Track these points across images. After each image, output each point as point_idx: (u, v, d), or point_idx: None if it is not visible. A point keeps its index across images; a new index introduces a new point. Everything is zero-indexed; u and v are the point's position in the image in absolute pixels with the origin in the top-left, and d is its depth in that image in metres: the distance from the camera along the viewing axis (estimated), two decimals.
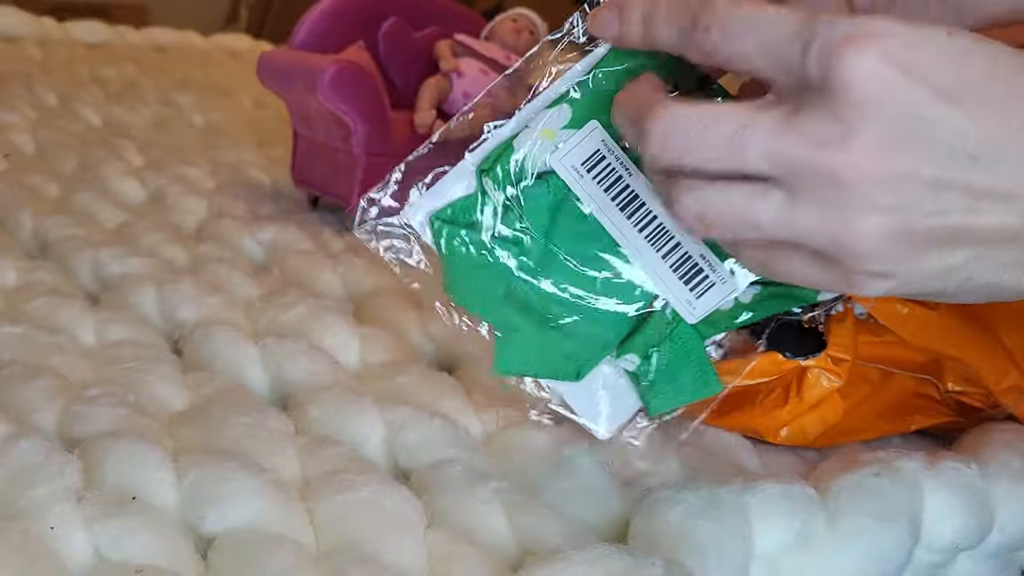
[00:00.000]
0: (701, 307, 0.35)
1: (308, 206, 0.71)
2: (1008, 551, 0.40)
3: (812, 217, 0.28)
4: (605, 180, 0.35)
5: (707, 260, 0.35)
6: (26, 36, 1.13)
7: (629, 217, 0.35)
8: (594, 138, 0.35)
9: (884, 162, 0.27)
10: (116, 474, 0.33)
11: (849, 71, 0.27)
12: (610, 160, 0.35)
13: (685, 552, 0.32)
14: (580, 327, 0.36)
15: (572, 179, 0.35)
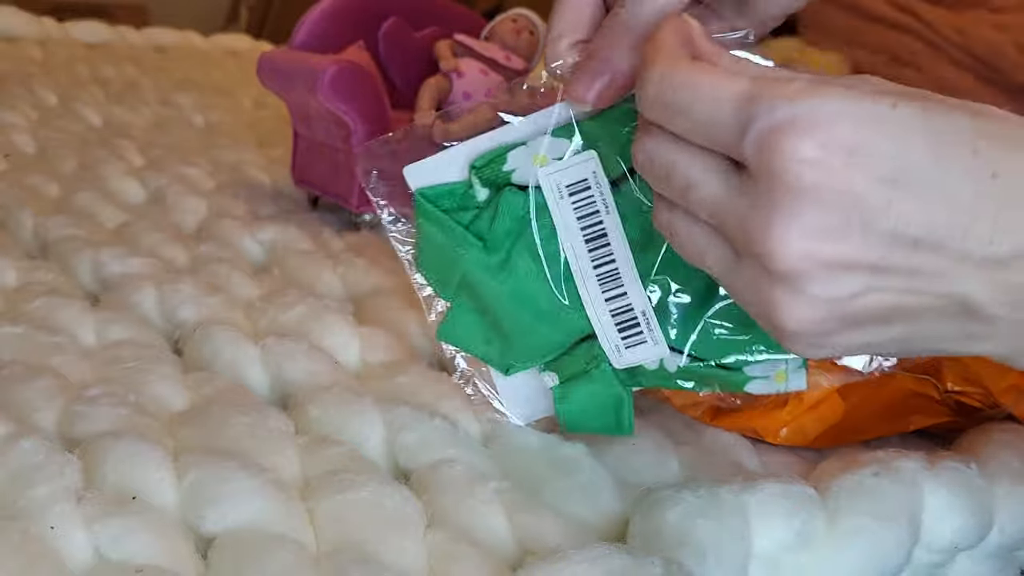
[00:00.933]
0: (627, 358, 0.36)
1: (308, 206, 0.71)
2: (1008, 551, 0.40)
3: (752, 282, 0.29)
4: (582, 209, 0.35)
5: (647, 318, 0.35)
6: (26, 36, 1.13)
7: (590, 251, 0.35)
8: (587, 167, 0.35)
9: (820, 251, 0.27)
10: (116, 474, 0.33)
11: (786, 159, 0.26)
12: (594, 192, 0.35)
13: (684, 551, 0.32)
14: (518, 333, 0.38)
15: (553, 198, 0.35)
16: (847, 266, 0.27)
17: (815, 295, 0.27)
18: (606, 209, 0.35)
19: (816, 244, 0.27)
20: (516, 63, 0.67)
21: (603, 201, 0.35)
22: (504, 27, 0.68)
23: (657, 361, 0.36)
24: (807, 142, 0.26)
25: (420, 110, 0.64)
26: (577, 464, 0.38)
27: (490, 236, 0.36)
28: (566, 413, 0.39)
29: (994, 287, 0.27)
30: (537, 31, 0.68)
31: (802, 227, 0.26)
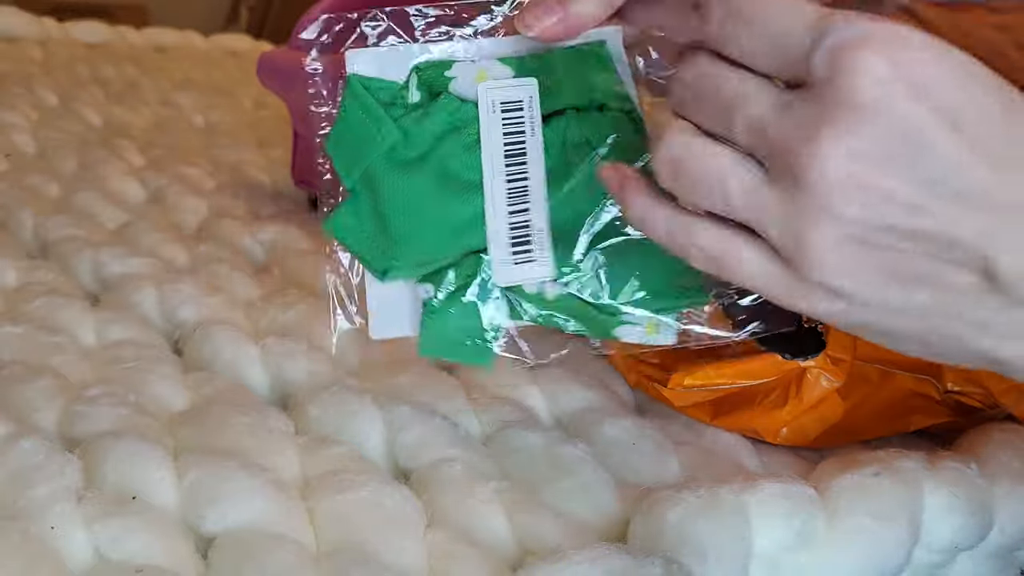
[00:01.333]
0: (513, 274, 0.36)
1: (308, 206, 0.71)
2: (1008, 551, 0.40)
3: (779, 204, 0.27)
4: (511, 126, 0.36)
5: (540, 239, 0.36)
6: (27, 36, 1.13)
7: (507, 166, 0.36)
8: (525, 91, 0.36)
9: (861, 173, 0.26)
10: (116, 474, 0.33)
11: (855, 73, 0.26)
12: (525, 114, 0.36)
13: (684, 551, 0.32)
14: (406, 235, 0.37)
15: (485, 109, 0.36)
16: (886, 197, 0.26)
17: (847, 218, 0.26)
18: (532, 132, 0.36)
19: (861, 166, 0.26)
20: None
21: (531, 125, 0.36)
22: None
23: (536, 285, 0.36)
24: (880, 60, 0.25)
25: None
26: (577, 464, 0.38)
27: (414, 132, 0.37)
28: (432, 330, 0.37)
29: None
30: None
31: (852, 145, 0.26)
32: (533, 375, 0.45)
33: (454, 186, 0.36)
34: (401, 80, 0.37)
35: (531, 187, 0.36)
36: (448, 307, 0.37)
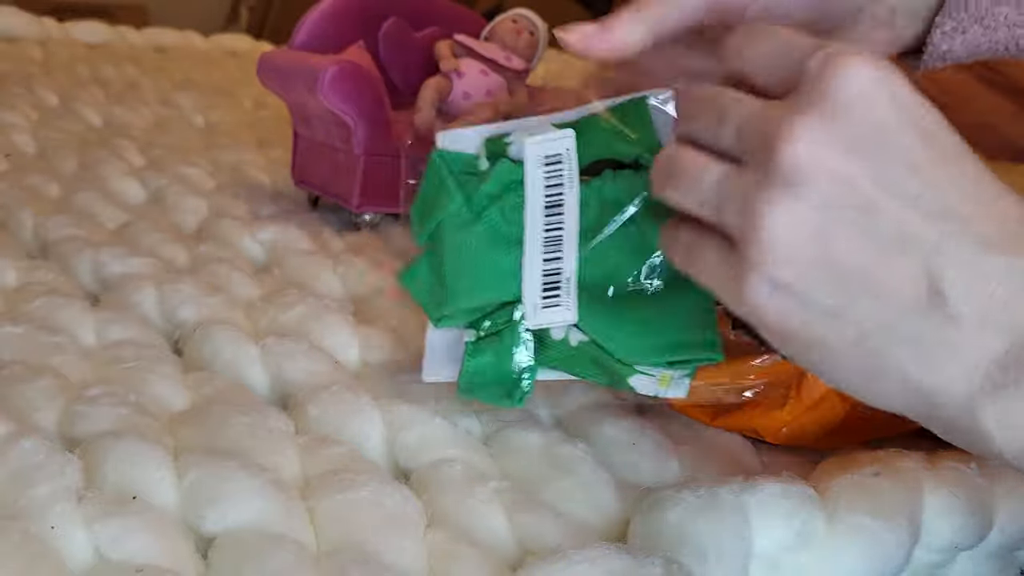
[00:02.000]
0: (541, 317, 0.38)
1: (308, 206, 0.71)
2: (1008, 551, 0.40)
3: (744, 188, 0.28)
4: (551, 179, 0.39)
5: (568, 287, 0.38)
6: (27, 36, 1.13)
7: (546, 216, 0.39)
8: (563, 143, 0.39)
9: (828, 158, 0.27)
10: (116, 474, 0.33)
11: (844, 74, 0.27)
12: (564, 167, 0.38)
13: (684, 551, 0.32)
14: (457, 285, 0.40)
15: (532, 166, 0.39)
16: (848, 182, 0.27)
17: (805, 198, 0.27)
18: (570, 184, 0.39)
19: (830, 152, 0.27)
20: (516, 63, 0.67)
21: (570, 177, 0.39)
22: (504, 27, 0.68)
23: (563, 330, 0.38)
24: (869, 69, 0.27)
25: (420, 110, 0.64)
26: (577, 464, 0.38)
27: (475, 195, 0.40)
28: (468, 370, 0.40)
29: (970, 282, 0.27)
30: (537, 31, 0.69)
31: (826, 131, 0.27)
32: None
33: (500, 240, 0.39)
34: (475, 152, 0.41)
35: (565, 237, 0.38)
36: (483, 349, 0.39)
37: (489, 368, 0.39)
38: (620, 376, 0.38)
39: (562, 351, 0.39)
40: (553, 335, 0.39)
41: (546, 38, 0.69)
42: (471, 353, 0.40)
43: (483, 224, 0.40)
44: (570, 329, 0.38)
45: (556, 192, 0.39)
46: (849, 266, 0.27)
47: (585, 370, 0.39)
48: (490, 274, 0.39)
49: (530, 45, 0.68)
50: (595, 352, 0.38)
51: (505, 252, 0.39)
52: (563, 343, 0.38)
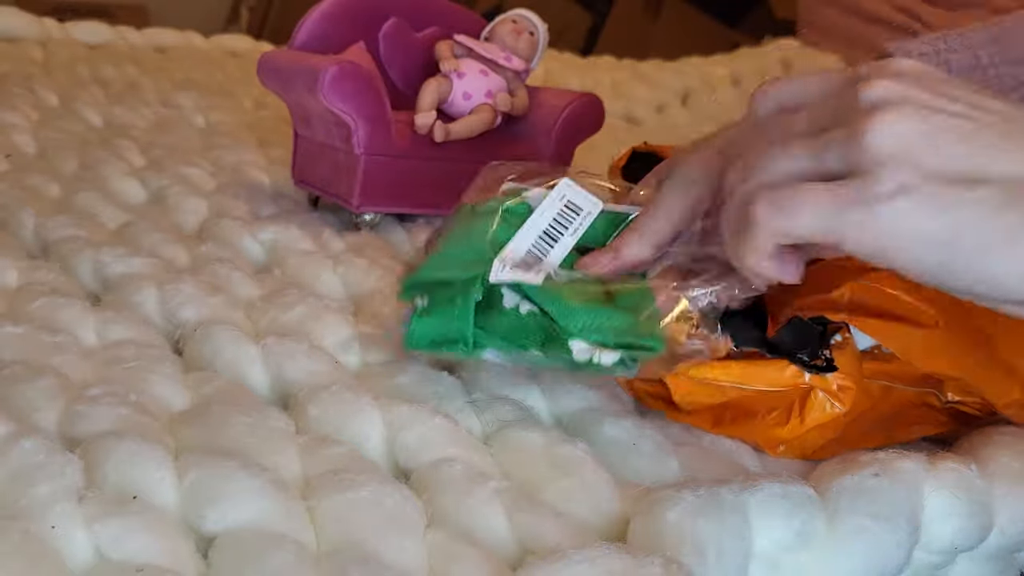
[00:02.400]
0: (507, 274, 0.40)
1: (309, 206, 0.71)
2: (1008, 552, 0.40)
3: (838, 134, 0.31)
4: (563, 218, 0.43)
5: (538, 272, 0.40)
6: (27, 37, 1.13)
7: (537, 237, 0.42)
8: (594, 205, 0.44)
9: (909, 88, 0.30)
10: (117, 473, 0.33)
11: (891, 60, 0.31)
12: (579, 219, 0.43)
13: (684, 551, 0.32)
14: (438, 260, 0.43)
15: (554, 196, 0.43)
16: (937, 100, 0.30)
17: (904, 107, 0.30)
18: (572, 233, 0.43)
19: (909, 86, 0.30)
20: (516, 64, 0.67)
21: (576, 229, 0.43)
22: (504, 28, 0.68)
23: (514, 300, 0.40)
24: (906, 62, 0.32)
25: (420, 110, 0.64)
26: (577, 464, 0.38)
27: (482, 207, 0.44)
28: (414, 328, 0.42)
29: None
30: (537, 32, 0.69)
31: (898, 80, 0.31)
32: (533, 375, 0.45)
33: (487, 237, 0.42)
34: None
35: (546, 260, 0.42)
36: (432, 312, 0.41)
37: (434, 328, 0.41)
38: (561, 341, 0.39)
39: (511, 319, 0.40)
40: (505, 303, 0.40)
41: (546, 38, 0.69)
42: (420, 314, 0.42)
43: (485, 220, 0.43)
44: (521, 300, 0.40)
45: (558, 229, 0.43)
46: (972, 130, 0.29)
47: (529, 339, 0.40)
48: (466, 252, 0.42)
49: (530, 45, 0.68)
50: (542, 321, 0.39)
51: (484, 240, 0.42)
52: (514, 311, 0.40)
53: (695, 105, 1.27)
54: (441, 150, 0.65)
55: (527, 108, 0.69)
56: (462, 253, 0.43)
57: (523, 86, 0.69)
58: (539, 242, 0.43)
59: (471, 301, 0.40)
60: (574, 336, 0.39)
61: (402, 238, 0.65)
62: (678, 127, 1.18)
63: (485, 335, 0.40)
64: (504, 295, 0.41)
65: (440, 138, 0.64)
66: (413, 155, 0.64)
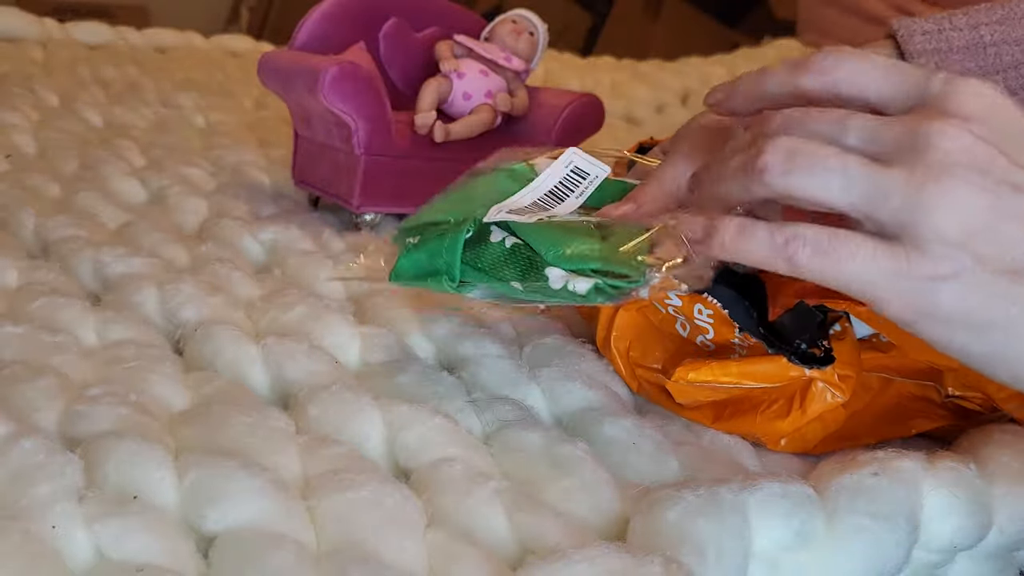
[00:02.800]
0: (499, 215, 0.41)
1: (309, 206, 0.71)
2: (1007, 551, 0.40)
3: (897, 179, 0.29)
4: (567, 180, 0.44)
5: (533, 211, 0.41)
6: (27, 37, 1.13)
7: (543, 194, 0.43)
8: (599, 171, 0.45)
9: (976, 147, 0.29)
10: (117, 473, 0.34)
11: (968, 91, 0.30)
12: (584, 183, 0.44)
13: (684, 551, 0.32)
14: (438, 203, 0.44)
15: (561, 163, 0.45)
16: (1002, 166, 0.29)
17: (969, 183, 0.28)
18: (576, 196, 0.44)
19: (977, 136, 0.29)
20: (516, 64, 0.67)
21: (580, 192, 0.44)
22: (504, 28, 0.68)
23: (501, 234, 0.41)
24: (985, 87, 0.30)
25: (420, 111, 0.64)
26: (577, 464, 0.38)
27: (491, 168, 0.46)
28: (402, 262, 0.42)
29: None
30: (537, 32, 0.69)
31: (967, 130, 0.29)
32: (533, 375, 0.45)
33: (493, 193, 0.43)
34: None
35: (553, 211, 0.42)
36: (420, 248, 0.42)
37: (421, 263, 0.41)
38: (538, 269, 0.39)
39: (495, 252, 0.40)
40: (492, 237, 0.41)
41: (546, 39, 0.70)
42: (409, 250, 0.42)
43: (488, 178, 0.45)
44: (507, 235, 0.41)
45: (563, 191, 0.43)
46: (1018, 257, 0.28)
47: (511, 271, 0.40)
48: (467, 203, 0.43)
49: (530, 46, 0.68)
50: (525, 252, 0.40)
51: (488, 194, 0.43)
52: (499, 244, 0.40)
53: (695, 105, 1.26)
54: (441, 150, 0.65)
55: (527, 108, 0.69)
56: (460, 201, 0.43)
57: (523, 86, 0.69)
58: (543, 199, 0.43)
59: (461, 237, 0.40)
60: (549, 262, 0.38)
61: None
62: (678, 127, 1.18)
63: (470, 270, 0.40)
64: (492, 231, 0.41)
65: (440, 138, 0.64)
66: (413, 155, 0.64)
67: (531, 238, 0.40)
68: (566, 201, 0.43)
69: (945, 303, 0.29)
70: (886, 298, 0.30)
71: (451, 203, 0.44)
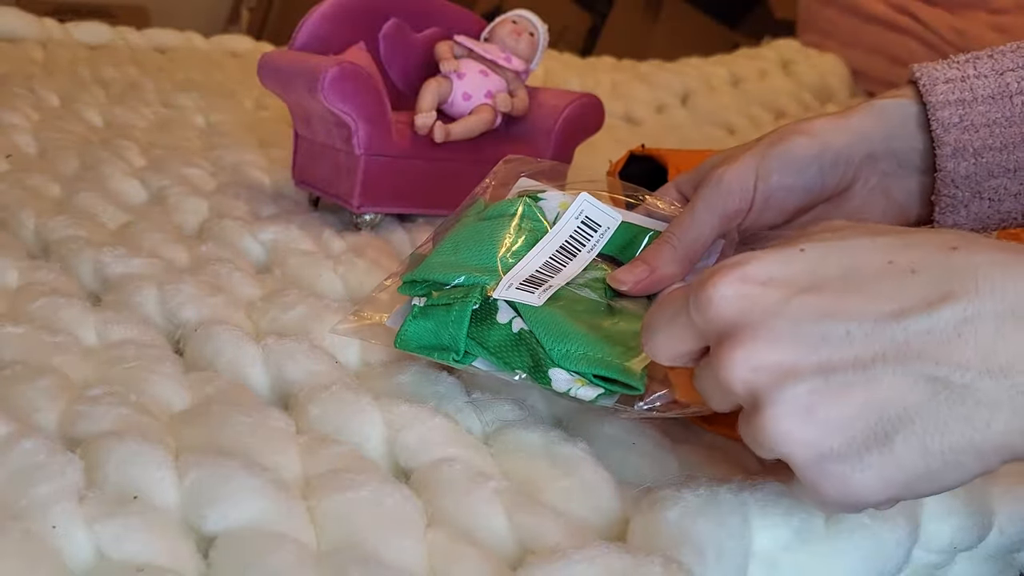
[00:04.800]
0: (510, 293, 0.41)
1: (309, 207, 0.71)
2: (1007, 552, 0.40)
3: (750, 427, 0.30)
4: (579, 233, 0.45)
5: (546, 290, 0.41)
6: (28, 37, 1.13)
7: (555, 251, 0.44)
8: (611, 220, 0.46)
9: (765, 360, 0.29)
10: (118, 473, 0.34)
11: (713, 300, 0.30)
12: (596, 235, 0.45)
13: (684, 550, 0.32)
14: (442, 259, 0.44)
15: (571, 213, 0.45)
16: (795, 371, 0.28)
17: (783, 404, 0.28)
18: (589, 250, 0.44)
19: (758, 357, 0.29)
20: (516, 64, 0.67)
21: (593, 246, 0.44)
22: (504, 28, 0.68)
23: (508, 316, 0.41)
24: (725, 281, 0.30)
25: (420, 111, 0.64)
26: (577, 464, 0.38)
27: (494, 208, 0.46)
28: (408, 328, 0.42)
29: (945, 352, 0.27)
30: (537, 32, 0.69)
31: (744, 348, 0.29)
32: None
33: (499, 239, 0.44)
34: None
35: (562, 272, 0.43)
36: (429, 315, 0.42)
37: (428, 332, 0.42)
38: (543, 367, 0.39)
39: (502, 335, 0.40)
40: (499, 317, 0.41)
41: (546, 39, 0.70)
42: (415, 315, 0.42)
43: (496, 224, 0.44)
44: (515, 318, 0.40)
45: (575, 246, 0.44)
46: (867, 422, 0.28)
47: (516, 359, 0.40)
48: (475, 258, 0.43)
49: (530, 46, 0.68)
50: (531, 342, 0.40)
51: (496, 249, 0.43)
52: (506, 327, 0.40)
53: (695, 105, 1.27)
54: (441, 150, 0.65)
55: (527, 108, 0.69)
56: (470, 258, 0.43)
57: (523, 86, 0.69)
58: (555, 256, 0.43)
59: (467, 310, 0.40)
60: (555, 361, 0.39)
61: (402, 238, 0.65)
62: (678, 127, 1.18)
63: (477, 347, 0.41)
64: (499, 308, 0.41)
65: (440, 138, 0.64)
66: (413, 155, 0.64)
67: (538, 328, 0.40)
68: (578, 256, 0.43)
69: (859, 489, 0.29)
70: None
71: (459, 256, 0.43)
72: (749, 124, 1.23)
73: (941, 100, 0.43)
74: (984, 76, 0.43)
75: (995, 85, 0.43)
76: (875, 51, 1.41)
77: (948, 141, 0.43)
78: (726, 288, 0.30)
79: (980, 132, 0.43)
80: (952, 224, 0.45)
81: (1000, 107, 0.43)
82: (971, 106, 0.43)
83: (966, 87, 0.43)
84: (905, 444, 0.28)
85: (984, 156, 0.43)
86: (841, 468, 0.28)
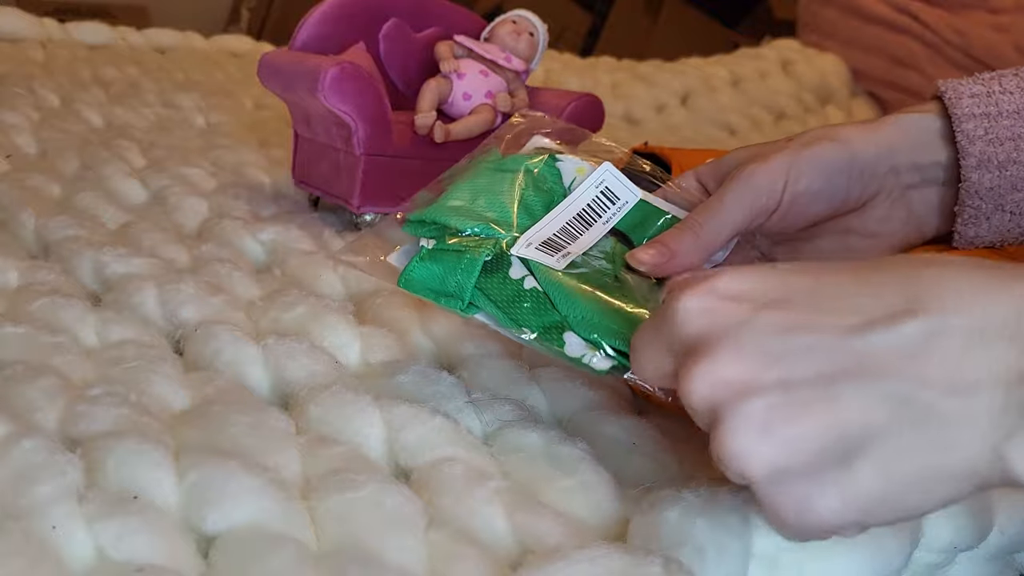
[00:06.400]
0: (528, 252, 0.40)
1: (309, 207, 0.71)
2: (1007, 553, 0.40)
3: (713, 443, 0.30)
4: (598, 203, 0.44)
5: (564, 256, 0.41)
6: (28, 37, 1.13)
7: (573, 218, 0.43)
8: (629, 195, 0.44)
9: (725, 377, 0.28)
10: (118, 473, 0.34)
11: (680, 313, 0.30)
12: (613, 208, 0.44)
13: (684, 550, 0.32)
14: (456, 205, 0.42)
15: (592, 182, 0.44)
16: (754, 387, 0.28)
17: (740, 419, 0.28)
18: (605, 222, 0.43)
19: (718, 372, 0.28)
20: (516, 64, 0.67)
21: (609, 218, 0.43)
22: (504, 28, 0.68)
23: (521, 271, 0.40)
24: (691, 294, 0.30)
25: (420, 111, 0.64)
26: (577, 464, 0.38)
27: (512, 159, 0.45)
28: (414, 270, 0.41)
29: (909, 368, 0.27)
30: (537, 32, 0.69)
31: (704, 362, 0.29)
32: (533, 374, 0.45)
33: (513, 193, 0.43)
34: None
35: (579, 240, 0.42)
36: (437, 259, 0.41)
37: (434, 277, 0.41)
38: (556, 330, 0.39)
39: (512, 289, 0.40)
40: (512, 272, 0.40)
41: (546, 39, 0.70)
42: (423, 257, 0.41)
43: (514, 177, 0.43)
44: (527, 276, 0.40)
45: (591, 216, 0.43)
46: (828, 439, 0.27)
47: (524, 316, 0.39)
48: (491, 209, 0.42)
49: (530, 46, 0.68)
50: (541, 302, 0.39)
51: (512, 204, 0.42)
52: (518, 283, 0.40)
53: (695, 106, 1.27)
54: (441, 150, 0.65)
55: (527, 108, 0.69)
56: (483, 206, 0.42)
57: (523, 87, 0.69)
58: (572, 223, 0.42)
59: (479, 262, 0.40)
60: (571, 325, 0.38)
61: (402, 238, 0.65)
62: (678, 127, 1.18)
63: (484, 298, 0.40)
64: (512, 263, 0.40)
65: (440, 139, 0.64)
66: (413, 155, 0.64)
67: (553, 291, 0.39)
68: (593, 227, 0.43)
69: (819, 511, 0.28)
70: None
71: (472, 203, 0.42)
72: (749, 124, 1.23)
73: (967, 113, 0.44)
74: (1010, 92, 0.44)
75: (1020, 101, 0.44)
76: (875, 51, 1.41)
77: (973, 152, 0.44)
78: (692, 302, 0.30)
79: (1005, 145, 0.44)
80: (974, 236, 0.45)
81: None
82: (996, 120, 0.44)
83: (991, 102, 0.44)
84: (866, 465, 0.27)
85: (1008, 169, 0.44)
86: (799, 489, 0.28)
